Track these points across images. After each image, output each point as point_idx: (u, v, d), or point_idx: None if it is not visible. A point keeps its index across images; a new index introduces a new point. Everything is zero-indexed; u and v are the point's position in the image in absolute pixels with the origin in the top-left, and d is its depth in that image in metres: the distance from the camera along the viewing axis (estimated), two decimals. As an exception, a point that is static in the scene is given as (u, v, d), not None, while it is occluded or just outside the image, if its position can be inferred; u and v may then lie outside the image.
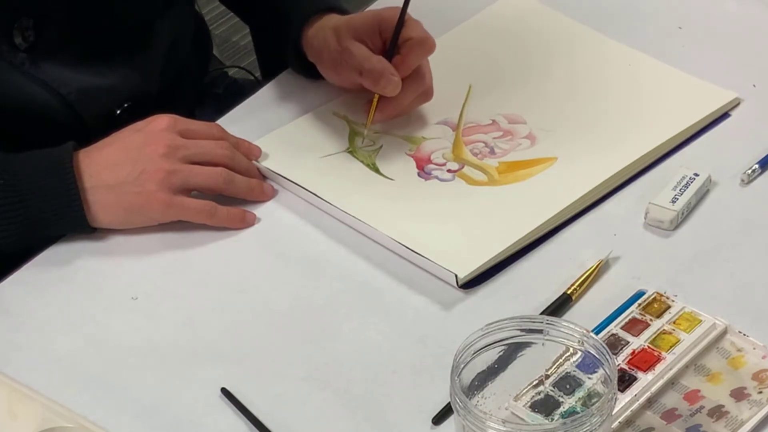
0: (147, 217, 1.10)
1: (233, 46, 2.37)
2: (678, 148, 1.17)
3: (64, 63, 1.16)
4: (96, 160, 1.09)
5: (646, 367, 0.94)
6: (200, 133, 1.13)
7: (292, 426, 0.94)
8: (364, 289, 1.06)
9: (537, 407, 0.90)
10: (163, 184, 1.08)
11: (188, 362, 1.00)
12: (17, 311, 1.05)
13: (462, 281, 1.03)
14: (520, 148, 1.17)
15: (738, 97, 1.22)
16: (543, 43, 1.30)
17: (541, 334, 0.87)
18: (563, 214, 1.09)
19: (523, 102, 1.22)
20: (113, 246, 1.10)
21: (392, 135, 1.19)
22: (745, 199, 1.12)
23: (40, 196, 1.06)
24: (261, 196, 1.14)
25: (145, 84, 1.24)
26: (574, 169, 1.14)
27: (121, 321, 1.04)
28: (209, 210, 1.10)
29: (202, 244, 1.10)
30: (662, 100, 1.22)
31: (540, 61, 1.28)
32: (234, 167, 1.13)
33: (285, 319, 1.04)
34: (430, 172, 1.15)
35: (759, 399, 0.93)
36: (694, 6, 1.37)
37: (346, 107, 1.22)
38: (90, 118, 1.19)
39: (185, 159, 1.10)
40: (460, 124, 1.20)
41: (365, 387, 0.97)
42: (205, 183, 1.11)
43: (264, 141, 1.18)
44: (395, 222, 1.08)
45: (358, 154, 1.17)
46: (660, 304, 1.00)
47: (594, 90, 1.24)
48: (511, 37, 1.30)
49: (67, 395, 0.97)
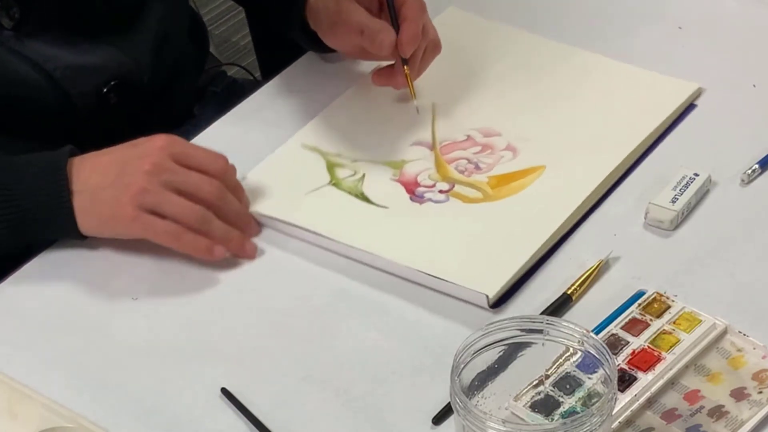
0: (114, 229, 1.07)
1: (233, 45, 2.38)
2: (657, 142, 1.18)
3: (51, 41, 1.16)
4: (88, 166, 1.07)
5: (646, 367, 0.94)
6: (197, 161, 1.09)
7: (292, 426, 0.94)
8: (364, 288, 1.06)
9: (537, 407, 0.90)
10: (135, 200, 1.04)
11: (188, 362, 1.00)
12: (17, 311, 1.05)
13: (492, 300, 1.01)
14: (504, 160, 1.16)
15: (700, 87, 1.23)
16: (493, 54, 1.29)
17: (541, 334, 0.87)
18: (571, 219, 1.09)
19: (492, 114, 1.21)
20: (114, 246, 1.10)
21: (371, 162, 1.16)
22: (745, 199, 1.12)
23: (31, 198, 1.05)
24: (239, 251, 1.08)
25: (134, 65, 1.22)
26: (566, 174, 1.13)
27: (121, 321, 1.04)
28: (175, 233, 1.06)
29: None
30: (630, 96, 1.23)
31: (496, 72, 1.27)
32: (219, 208, 1.08)
33: (285, 319, 1.04)
34: (422, 195, 1.12)
35: (759, 399, 0.93)
36: (694, 6, 1.37)
37: (315, 136, 1.20)
38: (77, 95, 1.18)
39: (168, 184, 1.06)
40: (435, 143, 1.19)
41: (365, 387, 0.97)
42: (177, 214, 1.06)
43: (244, 184, 1.14)
44: (406, 251, 1.06)
45: (342, 186, 1.14)
46: (660, 304, 1.00)
47: (558, 94, 1.24)
48: (460, 52, 1.28)
49: (67, 395, 0.97)
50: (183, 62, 1.34)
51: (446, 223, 1.10)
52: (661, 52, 1.30)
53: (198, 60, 1.41)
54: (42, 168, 1.06)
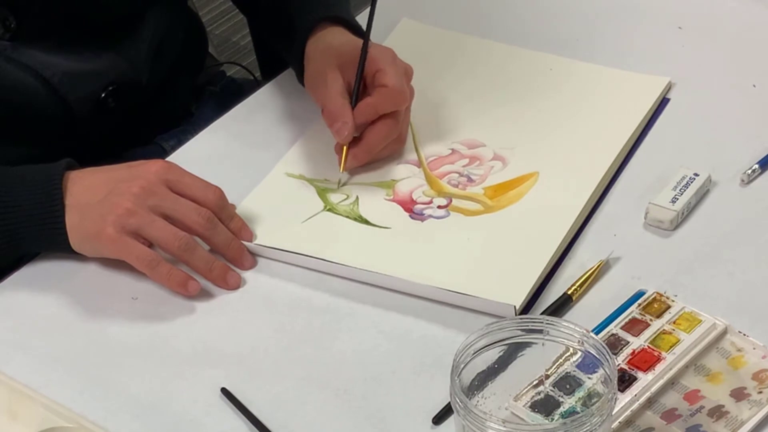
0: (95, 247, 1.06)
1: (233, 45, 2.38)
2: (641, 138, 1.19)
3: (48, 48, 1.16)
4: (82, 182, 1.07)
5: (646, 367, 0.94)
6: (191, 190, 1.07)
7: (292, 426, 0.94)
8: (364, 288, 1.05)
9: (537, 407, 0.90)
10: (119, 221, 1.03)
11: (188, 362, 1.00)
12: (17, 311, 1.06)
13: (519, 310, 1.00)
14: (495, 170, 1.16)
15: (670, 80, 1.24)
16: (460, 64, 1.29)
17: (541, 334, 0.87)
18: (578, 221, 1.09)
19: (472, 126, 1.21)
20: (113, 246, 1.10)
21: (362, 184, 1.15)
22: (745, 199, 1.12)
23: (24, 211, 1.05)
24: (220, 282, 1.06)
25: (131, 70, 1.22)
26: (562, 178, 1.14)
27: (121, 321, 1.04)
28: (151, 261, 1.04)
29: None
30: (603, 96, 1.24)
31: (467, 83, 1.26)
32: (208, 238, 1.07)
33: (285, 318, 1.04)
34: (422, 213, 1.11)
35: (759, 399, 0.93)
36: (694, 6, 1.37)
37: (298, 164, 1.18)
38: (75, 101, 1.18)
39: (155, 208, 1.04)
40: (421, 159, 1.18)
41: (365, 387, 0.97)
42: (159, 239, 1.04)
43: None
44: (420, 269, 1.05)
45: (339, 211, 1.12)
46: (660, 304, 1.00)
47: (533, 99, 1.24)
48: (423, 64, 1.25)
49: (67, 395, 0.97)
50: (181, 63, 1.34)
51: (452, 237, 1.09)
52: (661, 51, 1.30)
53: (196, 60, 1.41)
54: (37, 181, 1.05)
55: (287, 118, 1.24)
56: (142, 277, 1.07)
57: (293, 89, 1.27)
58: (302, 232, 1.10)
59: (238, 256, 1.08)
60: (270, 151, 1.20)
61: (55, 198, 1.05)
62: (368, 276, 1.05)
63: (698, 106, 1.23)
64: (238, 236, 1.08)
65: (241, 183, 1.15)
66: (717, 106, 1.23)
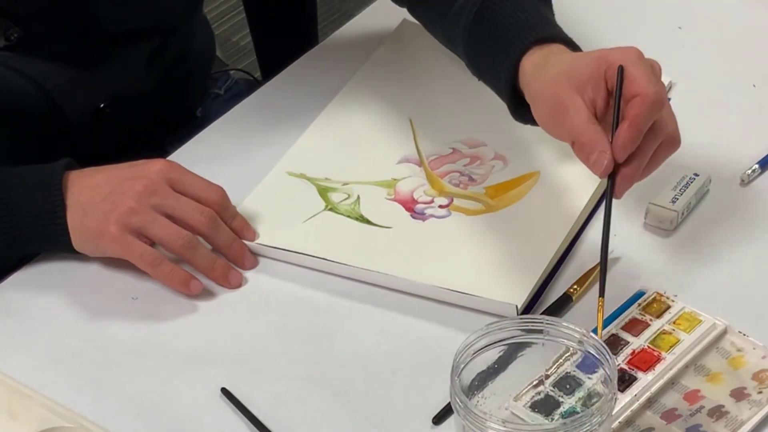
0: (98, 246, 1.05)
1: (233, 46, 2.38)
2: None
3: (48, 59, 1.16)
4: (84, 181, 1.06)
5: (646, 367, 0.94)
6: (193, 189, 1.07)
7: (292, 426, 0.94)
8: (364, 288, 1.05)
9: (537, 407, 0.90)
10: (121, 219, 1.03)
11: (188, 362, 1.00)
12: (17, 311, 1.05)
13: (521, 310, 1.01)
14: (496, 170, 1.16)
15: (671, 81, 1.23)
16: (459, 63, 1.26)
17: (541, 334, 0.87)
18: (579, 221, 1.09)
19: (473, 125, 1.21)
20: (113, 246, 1.10)
21: (362, 184, 1.15)
22: (745, 199, 1.12)
23: (25, 212, 1.05)
24: (222, 280, 1.06)
25: (134, 80, 1.22)
26: (562, 177, 1.13)
27: (121, 321, 1.04)
28: (153, 259, 1.04)
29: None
30: None
31: (467, 82, 1.23)
32: (210, 237, 1.06)
33: (285, 318, 1.04)
34: (423, 212, 1.11)
35: (759, 399, 0.93)
36: (694, 6, 1.37)
37: (298, 163, 1.17)
38: (73, 112, 1.18)
39: (158, 207, 1.04)
40: (422, 158, 1.18)
41: (365, 387, 0.97)
42: (162, 238, 1.04)
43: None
44: (421, 269, 1.05)
45: (340, 210, 1.12)
46: (660, 304, 1.00)
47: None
48: (423, 64, 1.26)
49: (67, 395, 0.97)
50: (190, 69, 1.33)
51: (453, 237, 1.09)
52: (661, 51, 1.30)
53: (205, 65, 1.40)
54: (37, 181, 1.05)
55: (287, 118, 1.24)
56: (142, 277, 1.07)
57: (293, 89, 1.27)
58: (303, 232, 1.10)
59: (240, 256, 1.08)
60: (271, 150, 1.20)
61: (55, 197, 1.05)
62: (369, 275, 1.05)
63: (698, 106, 1.23)
64: (240, 236, 1.08)
65: (242, 182, 1.15)
66: (717, 106, 1.23)
